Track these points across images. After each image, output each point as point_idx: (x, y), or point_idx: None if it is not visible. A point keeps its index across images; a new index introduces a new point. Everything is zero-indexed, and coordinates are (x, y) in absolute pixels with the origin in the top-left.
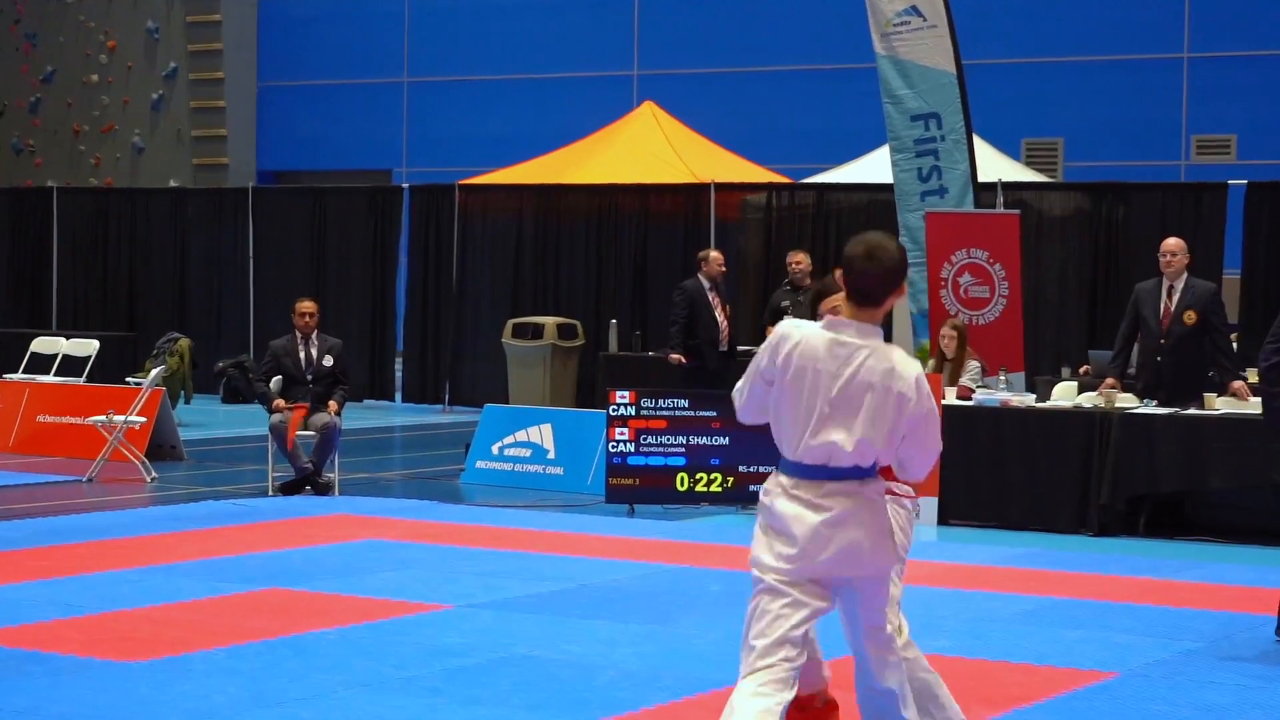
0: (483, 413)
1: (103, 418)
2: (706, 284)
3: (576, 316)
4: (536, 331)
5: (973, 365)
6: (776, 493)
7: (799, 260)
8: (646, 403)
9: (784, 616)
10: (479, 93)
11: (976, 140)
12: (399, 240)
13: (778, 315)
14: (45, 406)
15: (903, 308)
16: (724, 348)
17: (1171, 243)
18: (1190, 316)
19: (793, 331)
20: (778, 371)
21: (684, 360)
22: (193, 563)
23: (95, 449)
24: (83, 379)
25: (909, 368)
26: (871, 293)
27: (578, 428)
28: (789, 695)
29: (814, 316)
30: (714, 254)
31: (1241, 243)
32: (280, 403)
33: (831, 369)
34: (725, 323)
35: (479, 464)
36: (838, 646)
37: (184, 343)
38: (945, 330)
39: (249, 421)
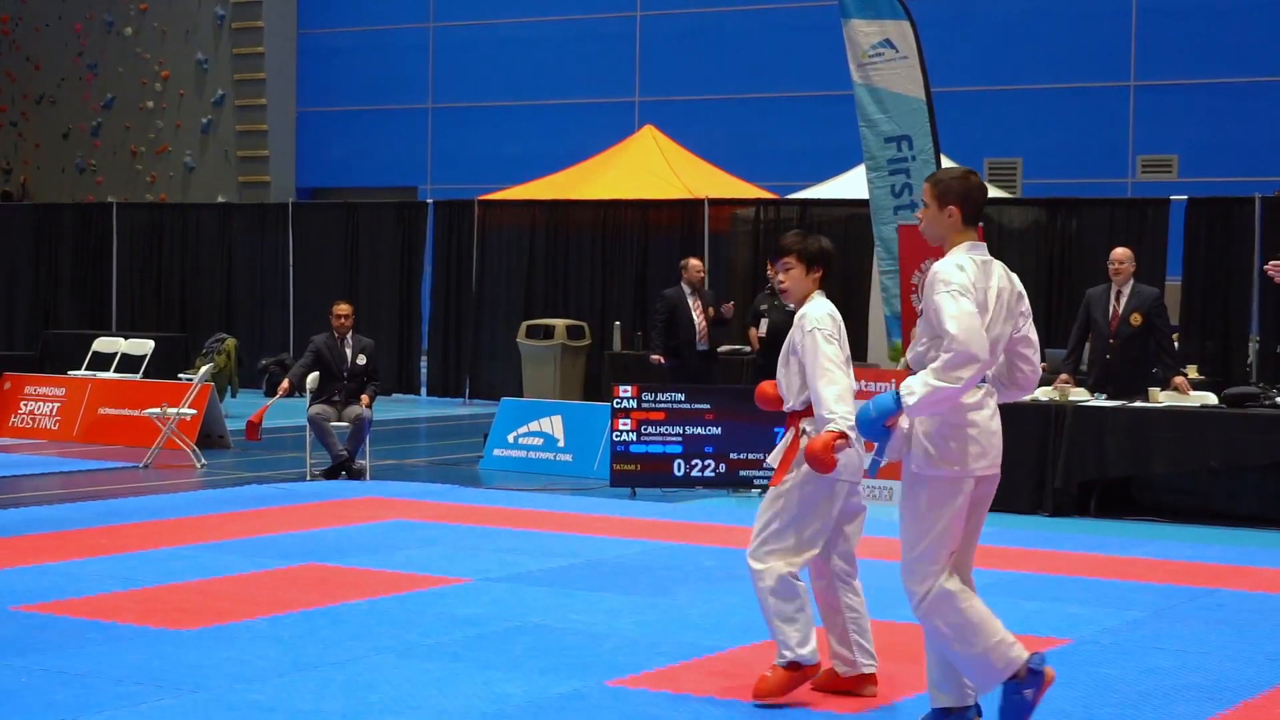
0: (499, 405)
1: (157, 410)
2: (688, 289)
3: (584, 318)
4: (548, 332)
5: None
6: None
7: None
8: (647, 396)
9: None
10: (496, 117)
11: (944, 159)
12: (424, 250)
13: (757, 317)
14: (106, 400)
15: (878, 310)
16: (703, 347)
17: (1120, 252)
18: (1136, 318)
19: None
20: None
21: (663, 360)
22: (237, 541)
23: (150, 438)
24: (139, 375)
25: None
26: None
27: (585, 419)
28: None
29: (788, 316)
30: (693, 261)
31: (1182, 252)
32: (284, 386)
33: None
34: (704, 325)
35: (496, 452)
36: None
37: (230, 342)
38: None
39: (289, 414)
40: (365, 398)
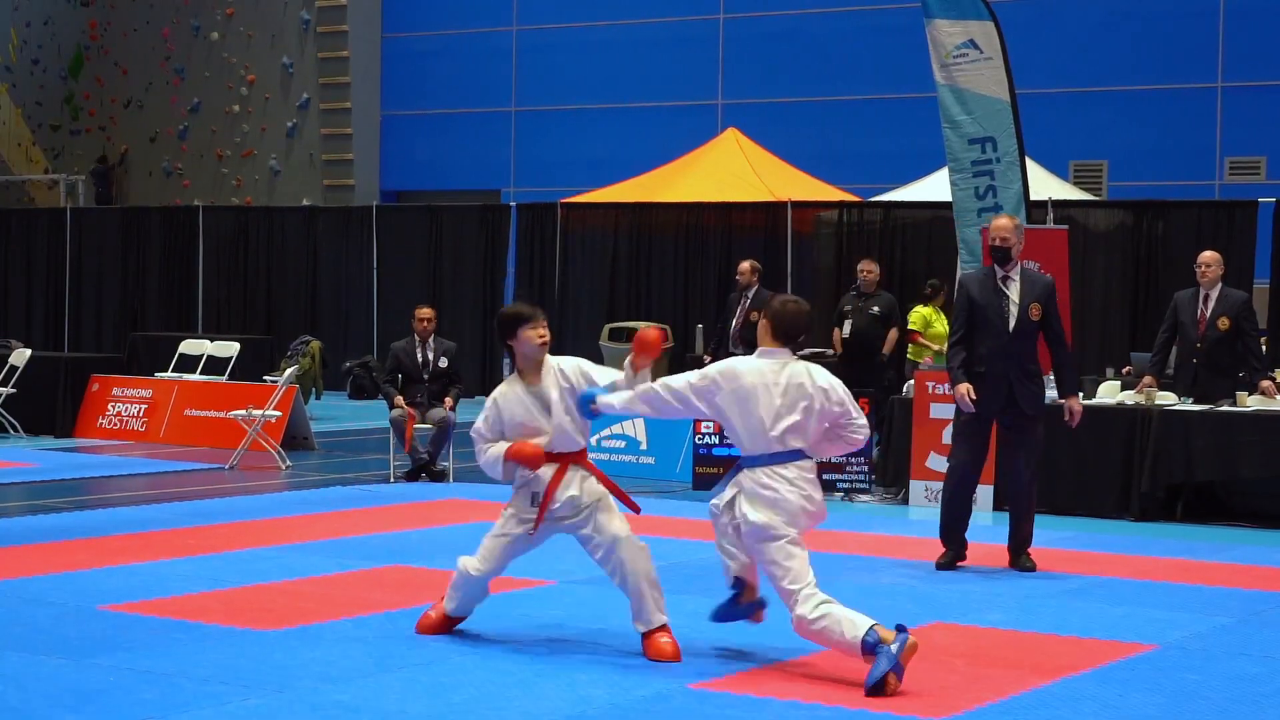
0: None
1: (243, 412)
2: (735, 292)
3: (666, 321)
4: (631, 335)
5: None
6: None
7: (869, 269)
8: None
9: None
10: (579, 120)
11: (1028, 162)
12: (507, 253)
13: (841, 317)
14: (192, 402)
15: None
16: (737, 350)
17: (1208, 255)
18: (1224, 322)
19: None
20: None
21: (709, 359)
22: (322, 542)
23: (236, 440)
24: (225, 377)
25: None
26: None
27: (668, 422)
28: None
29: (871, 320)
30: (741, 265)
31: (1270, 255)
32: (400, 399)
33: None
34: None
35: None
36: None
37: (315, 345)
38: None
39: (373, 416)
40: (449, 400)
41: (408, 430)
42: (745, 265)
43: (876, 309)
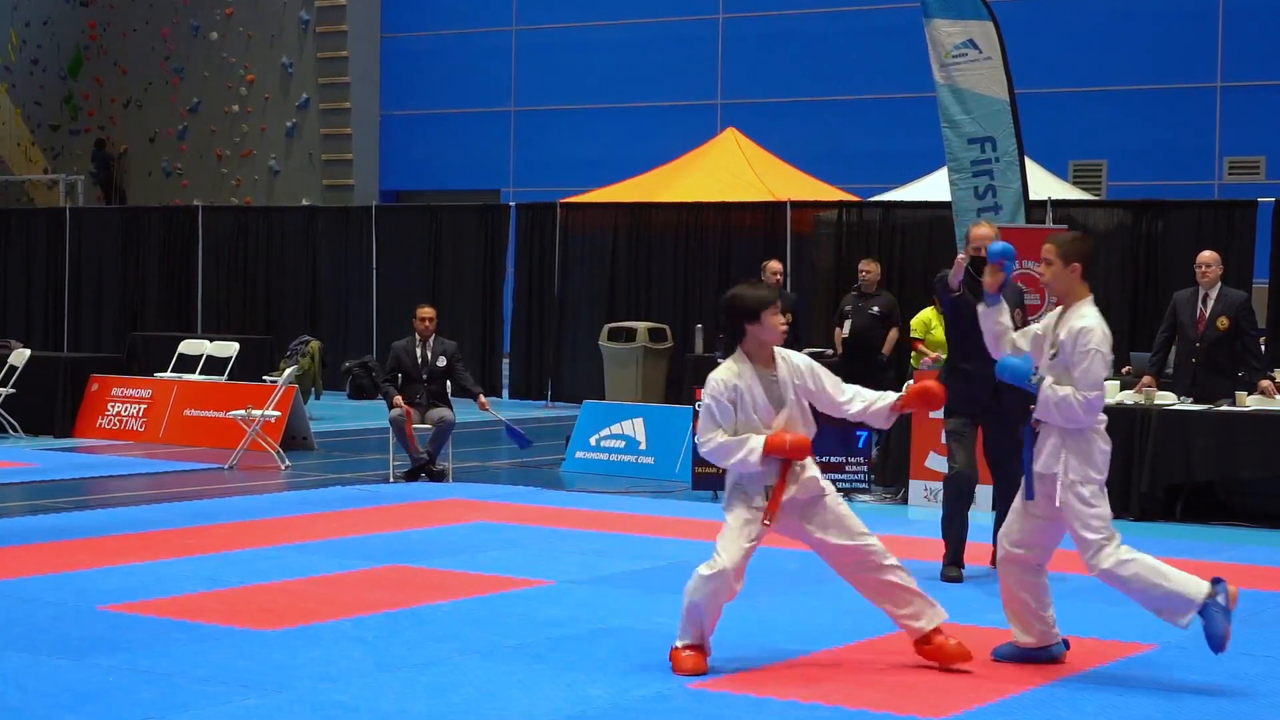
0: (581, 408)
1: (242, 412)
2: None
3: (666, 321)
4: (630, 335)
5: None
6: None
7: (869, 269)
8: None
9: None
10: (578, 120)
11: (1027, 161)
12: (507, 252)
13: (842, 317)
14: (191, 402)
15: None
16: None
17: (1207, 255)
18: (1223, 322)
19: None
20: None
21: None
22: (322, 542)
23: (235, 440)
24: (224, 377)
25: None
26: None
27: (667, 421)
28: None
29: (871, 320)
30: (768, 265)
31: (1269, 255)
32: (399, 399)
33: None
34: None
35: (578, 454)
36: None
37: (315, 345)
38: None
39: (372, 415)
40: (482, 398)
41: (408, 428)
42: (772, 264)
43: (877, 309)
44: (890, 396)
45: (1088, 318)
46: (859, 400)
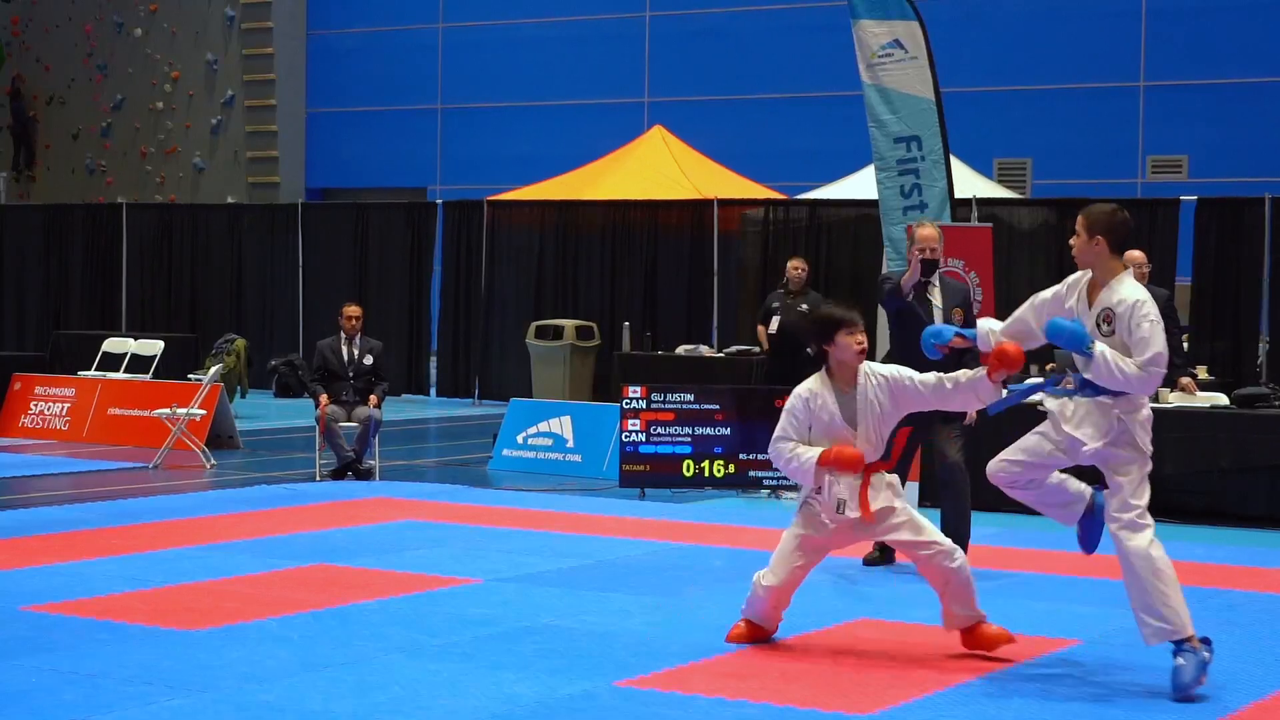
0: (509, 406)
1: (167, 411)
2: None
3: (593, 319)
4: (557, 333)
5: None
6: None
7: (798, 266)
8: (656, 397)
9: None
10: (505, 118)
11: (953, 160)
12: (433, 250)
13: (769, 315)
14: (115, 400)
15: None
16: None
17: (1140, 255)
18: None
19: None
20: None
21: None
22: (247, 541)
23: (160, 439)
24: (149, 376)
25: None
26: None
27: (594, 419)
28: None
29: (800, 317)
30: (789, 263)
31: (1192, 253)
32: (325, 399)
33: None
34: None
35: (505, 452)
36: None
37: (240, 343)
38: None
39: (298, 414)
40: (374, 398)
41: (322, 425)
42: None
43: (805, 306)
44: (976, 370)
45: (1137, 290)
46: (948, 380)
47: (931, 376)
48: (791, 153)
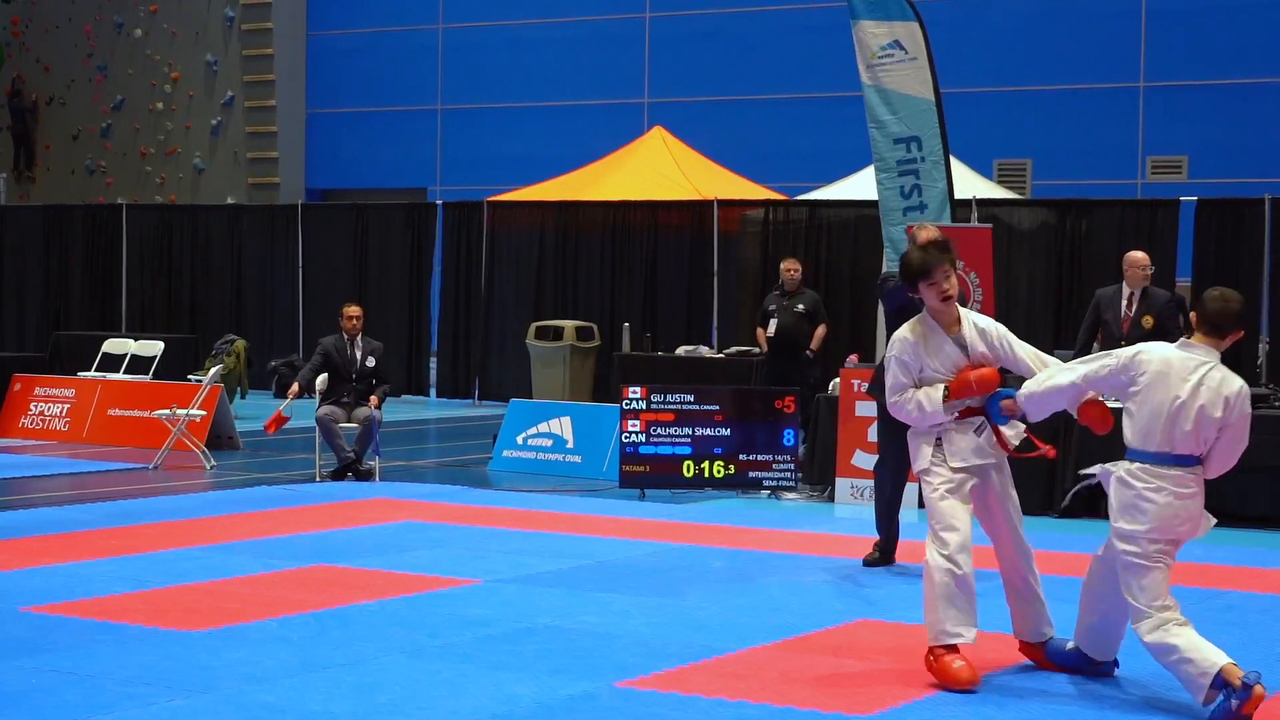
0: (509, 407)
1: (167, 411)
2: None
3: (593, 320)
4: (557, 333)
5: None
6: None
7: (792, 267)
8: (656, 398)
9: None
10: (505, 118)
11: (953, 161)
12: (433, 251)
13: (766, 317)
14: (115, 401)
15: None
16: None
17: (1143, 257)
18: (1148, 321)
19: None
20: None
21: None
22: (247, 542)
23: (160, 439)
24: (149, 376)
25: None
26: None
27: (594, 420)
28: None
29: (797, 318)
30: (781, 264)
31: (1192, 254)
32: (293, 389)
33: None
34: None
35: (505, 453)
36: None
37: (240, 344)
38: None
39: (299, 415)
40: (374, 399)
41: (272, 419)
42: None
43: (801, 306)
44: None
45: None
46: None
47: (1030, 349)
48: (791, 153)
